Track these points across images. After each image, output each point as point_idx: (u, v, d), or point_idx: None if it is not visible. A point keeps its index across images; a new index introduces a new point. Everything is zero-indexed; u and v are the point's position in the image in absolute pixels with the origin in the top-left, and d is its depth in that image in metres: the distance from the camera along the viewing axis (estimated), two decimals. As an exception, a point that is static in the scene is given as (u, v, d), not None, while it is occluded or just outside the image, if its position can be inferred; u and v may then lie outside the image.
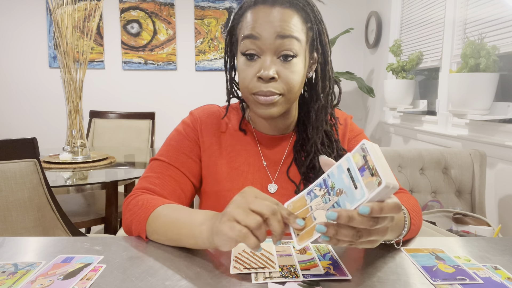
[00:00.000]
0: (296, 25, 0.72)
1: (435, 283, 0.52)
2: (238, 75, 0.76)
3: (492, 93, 1.58)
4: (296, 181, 0.79)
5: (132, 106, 3.12)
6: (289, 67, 0.71)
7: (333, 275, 0.54)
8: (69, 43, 1.78)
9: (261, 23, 0.70)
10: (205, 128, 0.83)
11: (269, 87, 0.71)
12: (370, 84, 3.06)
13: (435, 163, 1.56)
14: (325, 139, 0.80)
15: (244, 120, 0.85)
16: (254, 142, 0.83)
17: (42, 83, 3.09)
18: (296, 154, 0.81)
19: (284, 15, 0.71)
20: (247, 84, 0.73)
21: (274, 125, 0.82)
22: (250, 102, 0.75)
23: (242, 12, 0.76)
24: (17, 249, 0.64)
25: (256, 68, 0.72)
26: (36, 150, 1.19)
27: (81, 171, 1.73)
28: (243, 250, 0.61)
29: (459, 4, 1.92)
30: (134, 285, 0.51)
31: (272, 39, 0.70)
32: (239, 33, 0.76)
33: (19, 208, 1.19)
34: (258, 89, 0.72)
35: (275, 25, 0.70)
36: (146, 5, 3.08)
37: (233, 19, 0.79)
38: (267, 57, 0.71)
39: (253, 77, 0.72)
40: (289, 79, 0.72)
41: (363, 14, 3.18)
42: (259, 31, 0.70)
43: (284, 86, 0.72)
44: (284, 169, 0.81)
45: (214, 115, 0.85)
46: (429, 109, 2.33)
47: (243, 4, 0.77)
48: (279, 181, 0.80)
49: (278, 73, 0.71)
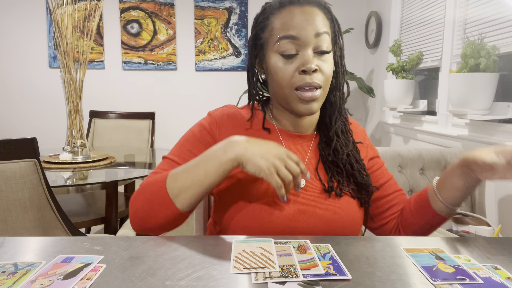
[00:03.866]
0: (324, 21, 0.77)
1: (435, 283, 0.52)
2: (274, 73, 0.77)
3: (492, 93, 1.58)
4: (323, 178, 0.81)
5: (132, 106, 3.12)
6: (325, 60, 0.76)
7: (333, 275, 0.54)
8: (69, 43, 1.78)
9: (298, 22, 0.74)
10: (225, 129, 0.82)
11: (313, 79, 0.74)
12: (370, 84, 3.06)
13: (435, 163, 1.56)
14: (343, 127, 0.85)
15: (266, 120, 0.85)
16: (279, 140, 0.83)
17: (42, 83, 3.09)
18: (323, 151, 0.83)
19: (315, 13, 0.76)
20: (289, 80, 0.75)
21: (300, 123, 0.83)
22: (290, 99, 0.77)
23: (267, 15, 0.79)
24: (17, 249, 0.64)
25: (296, 64, 0.75)
26: (36, 150, 1.19)
27: (81, 171, 1.73)
28: (243, 250, 0.62)
29: (459, 4, 1.92)
30: (134, 285, 0.51)
31: (311, 37, 0.74)
32: (269, 36, 0.78)
33: (19, 208, 1.19)
34: (303, 81, 0.74)
35: (311, 23, 0.74)
36: (146, 5, 3.08)
37: (256, 25, 0.81)
38: (306, 52, 0.74)
39: (295, 72, 0.75)
40: (327, 71, 0.76)
41: (363, 14, 3.18)
42: (298, 30, 0.74)
43: (323, 78, 0.75)
44: (308, 167, 0.82)
45: (234, 115, 0.85)
46: (429, 109, 2.33)
47: (265, 9, 0.80)
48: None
49: (318, 65, 0.75)
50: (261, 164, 0.68)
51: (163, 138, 3.16)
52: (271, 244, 0.64)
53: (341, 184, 0.80)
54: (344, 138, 0.84)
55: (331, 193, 0.79)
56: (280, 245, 0.64)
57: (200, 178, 0.70)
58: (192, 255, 0.61)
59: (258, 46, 0.81)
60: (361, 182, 0.81)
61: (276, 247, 0.63)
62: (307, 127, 0.84)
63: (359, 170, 0.82)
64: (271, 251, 0.61)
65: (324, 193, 0.79)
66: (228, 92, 3.19)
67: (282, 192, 0.68)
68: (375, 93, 2.84)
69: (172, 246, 0.64)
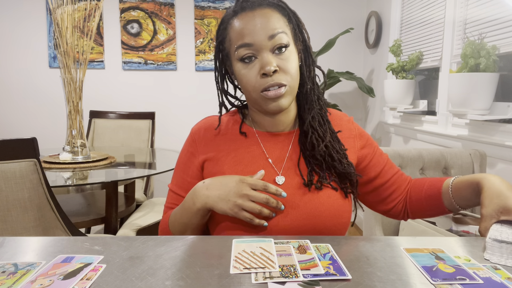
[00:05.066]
0: (279, 21, 0.77)
1: (435, 283, 0.52)
2: (240, 81, 0.80)
3: (492, 93, 1.58)
4: (304, 173, 0.81)
5: (132, 106, 3.12)
6: (285, 58, 0.76)
7: (333, 275, 0.54)
8: (69, 43, 1.78)
9: (250, 29, 0.75)
10: (204, 142, 0.86)
11: (275, 79, 0.75)
12: (370, 84, 3.06)
13: (435, 163, 1.56)
14: (320, 119, 0.84)
15: (244, 124, 0.87)
16: (257, 142, 0.84)
17: (42, 83, 3.09)
18: (302, 145, 0.83)
19: (266, 15, 0.76)
20: (254, 84, 0.76)
21: (276, 121, 0.84)
22: (259, 101, 0.78)
23: (225, 25, 0.80)
24: (17, 249, 0.64)
25: (257, 67, 0.76)
26: (36, 150, 1.19)
27: (81, 171, 1.73)
28: (243, 250, 0.62)
29: (459, 4, 1.92)
30: (134, 285, 0.51)
31: (265, 41, 0.75)
32: (230, 46, 0.79)
33: (19, 208, 1.19)
34: (266, 83, 0.75)
35: (263, 27, 0.75)
36: (146, 5, 3.08)
37: (218, 36, 0.82)
38: (264, 54, 0.75)
39: (256, 76, 0.76)
40: (288, 68, 0.76)
41: (363, 14, 3.18)
42: (251, 37, 0.75)
43: (286, 76, 0.76)
44: (290, 163, 0.82)
45: (211, 127, 0.88)
46: (429, 109, 2.33)
47: (223, 18, 0.82)
48: (286, 173, 0.81)
49: (278, 65, 0.75)
50: (224, 207, 0.73)
51: (163, 138, 3.16)
52: (271, 244, 0.64)
53: (322, 177, 0.80)
54: (322, 129, 0.83)
55: (310, 187, 0.79)
56: (280, 245, 0.64)
57: (186, 223, 0.79)
58: (192, 255, 0.61)
59: (224, 56, 0.83)
60: (343, 171, 0.81)
61: (276, 247, 0.63)
62: (285, 125, 0.85)
63: (339, 160, 0.82)
64: (271, 251, 0.61)
65: (304, 188, 0.79)
66: (228, 92, 3.19)
67: (256, 222, 0.73)
68: (375, 93, 2.84)
69: (172, 246, 0.65)
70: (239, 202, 0.71)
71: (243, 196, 0.72)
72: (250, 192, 0.72)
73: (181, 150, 0.91)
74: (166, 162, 2.00)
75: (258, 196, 0.72)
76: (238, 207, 0.72)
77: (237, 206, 0.72)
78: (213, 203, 0.74)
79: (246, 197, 0.72)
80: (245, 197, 0.72)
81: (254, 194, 0.72)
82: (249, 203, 0.72)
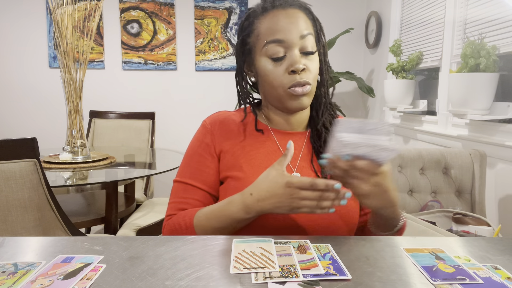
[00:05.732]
0: (307, 22, 0.80)
1: (435, 283, 0.53)
2: (265, 76, 0.81)
3: (492, 93, 1.58)
4: (319, 170, 0.83)
5: (132, 106, 3.12)
6: (311, 59, 0.80)
7: (333, 275, 0.54)
8: (69, 43, 1.78)
9: (282, 25, 0.77)
10: (219, 135, 0.86)
11: (303, 77, 0.78)
12: (370, 84, 3.06)
13: (435, 163, 1.56)
14: (331, 120, 0.87)
15: (258, 121, 0.88)
16: (272, 140, 0.85)
17: (42, 83, 3.09)
18: (314, 144, 0.85)
19: (297, 16, 0.79)
20: (281, 81, 0.78)
21: (292, 120, 0.86)
22: (284, 98, 0.80)
23: (252, 21, 0.82)
24: (17, 249, 0.64)
25: (285, 65, 0.78)
26: (36, 150, 1.19)
27: (81, 171, 1.73)
28: (243, 250, 0.62)
29: (459, 4, 1.92)
30: (134, 285, 0.51)
31: (297, 40, 0.77)
32: (256, 41, 0.81)
33: (19, 208, 1.19)
34: (294, 81, 0.77)
35: (296, 26, 0.77)
36: (146, 5, 3.08)
37: (242, 31, 0.84)
38: (294, 53, 0.78)
39: (284, 73, 0.78)
40: (314, 69, 0.80)
41: (363, 14, 3.18)
42: (283, 34, 0.77)
43: (311, 75, 0.79)
44: (303, 161, 0.84)
45: (226, 121, 0.87)
46: (429, 109, 2.33)
47: (249, 14, 0.83)
48: (301, 171, 0.83)
49: (305, 65, 0.78)
50: (283, 212, 0.70)
51: (163, 138, 3.16)
52: (271, 244, 0.64)
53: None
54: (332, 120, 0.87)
55: None
56: (280, 245, 0.64)
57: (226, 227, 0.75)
58: (192, 255, 0.61)
59: (246, 51, 0.84)
60: None
61: (276, 247, 0.63)
62: (299, 124, 0.87)
63: None
64: (271, 251, 0.61)
65: None
66: (228, 92, 3.19)
67: (319, 212, 0.68)
68: (375, 93, 2.84)
69: (172, 246, 0.65)
70: (294, 205, 0.69)
71: (295, 200, 0.69)
72: (300, 195, 0.68)
73: (191, 142, 0.88)
74: (166, 162, 2.00)
75: (309, 196, 0.68)
76: (296, 208, 0.69)
77: (294, 208, 0.69)
78: (270, 211, 0.71)
79: (298, 199, 0.69)
80: (297, 200, 0.69)
81: (305, 195, 0.68)
82: (304, 203, 0.68)
